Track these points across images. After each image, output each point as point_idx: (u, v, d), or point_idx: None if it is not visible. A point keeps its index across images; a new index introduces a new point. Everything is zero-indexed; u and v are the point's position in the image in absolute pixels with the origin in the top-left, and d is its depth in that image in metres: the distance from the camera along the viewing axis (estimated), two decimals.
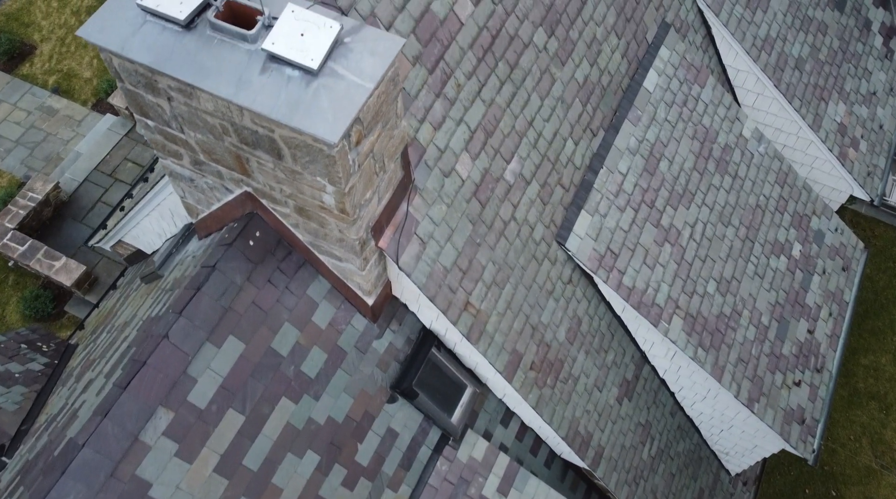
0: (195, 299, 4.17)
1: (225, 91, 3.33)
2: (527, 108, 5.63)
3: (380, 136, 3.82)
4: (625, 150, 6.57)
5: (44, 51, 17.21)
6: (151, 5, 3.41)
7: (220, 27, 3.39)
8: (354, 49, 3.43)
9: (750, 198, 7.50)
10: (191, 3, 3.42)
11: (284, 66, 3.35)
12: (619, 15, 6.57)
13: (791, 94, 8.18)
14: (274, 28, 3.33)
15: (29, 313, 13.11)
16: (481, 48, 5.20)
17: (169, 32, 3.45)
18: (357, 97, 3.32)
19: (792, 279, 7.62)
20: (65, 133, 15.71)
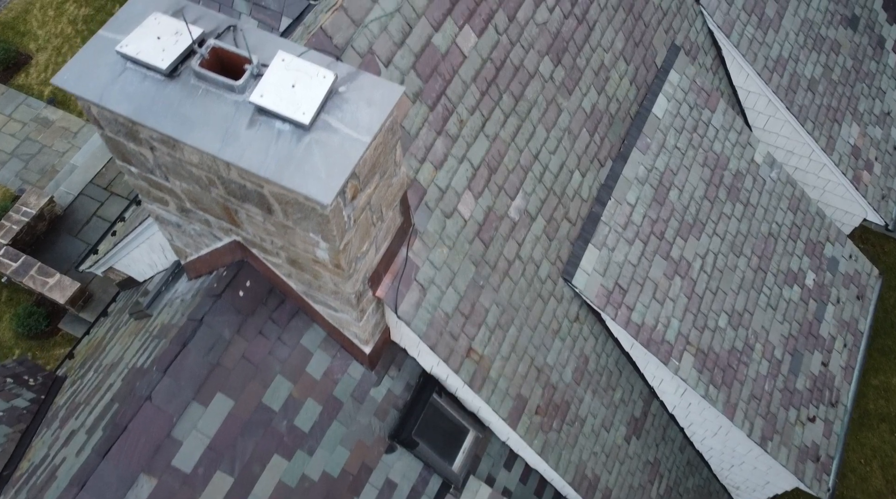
0: (181, 356, 3.92)
1: (210, 146, 3.08)
2: (532, 141, 5.38)
3: (377, 187, 3.57)
4: (633, 179, 6.32)
5: (39, 61, 16.97)
6: (131, 53, 3.17)
7: (205, 76, 3.14)
8: (350, 99, 3.18)
9: (762, 226, 7.25)
10: (174, 50, 3.18)
11: (274, 120, 3.10)
12: (627, 40, 6.32)
13: (804, 116, 7.92)
14: (263, 78, 3.08)
15: (22, 331, 12.86)
16: (485, 81, 4.95)
17: (151, 81, 3.20)
18: (352, 152, 3.07)
19: (805, 310, 7.36)
20: (60, 145, 15.47)
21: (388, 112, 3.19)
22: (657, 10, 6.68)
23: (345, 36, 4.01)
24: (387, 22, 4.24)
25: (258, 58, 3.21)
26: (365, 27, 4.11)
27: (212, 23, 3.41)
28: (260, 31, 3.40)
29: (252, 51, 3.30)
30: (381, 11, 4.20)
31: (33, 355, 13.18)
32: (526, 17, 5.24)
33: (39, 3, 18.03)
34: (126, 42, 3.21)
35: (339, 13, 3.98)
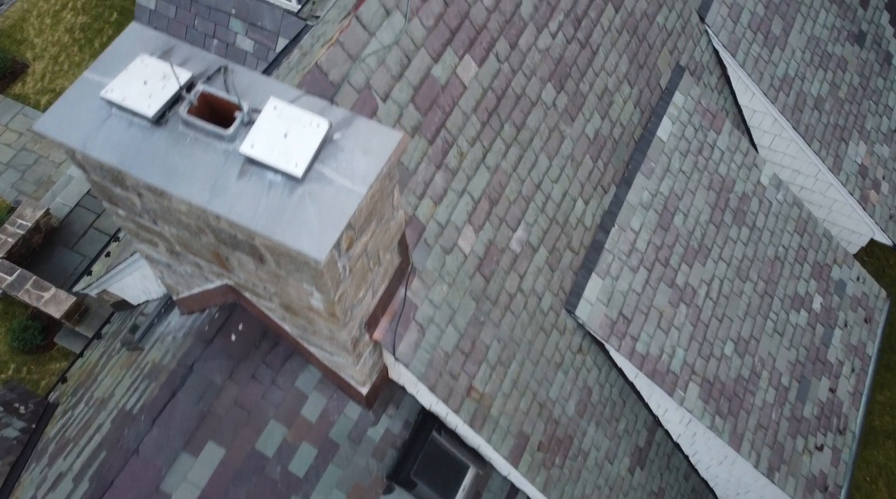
0: (170, 405, 3.77)
1: (198, 197, 2.94)
2: (534, 171, 5.24)
3: (374, 233, 3.43)
4: (637, 205, 6.18)
5: (36, 69, 16.83)
6: (117, 99, 3.02)
7: (193, 124, 3.00)
8: (345, 147, 3.03)
9: (768, 249, 7.10)
10: (161, 96, 3.03)
11: (265, 170, 2.95)
12: (631, 62, 6.18)
13: (810, 135, 7.78)
14: (254, 127, 2.93)
15: (17, 345, 12.72)
16: (486, 111, 4.80)
17: (136, 128, 3.06)
18: (348, 204, 2.93)
19: (813, 335, 7.21)
20: (57, 155, 15.32)
21: (385, 160, 3.04)
22: (661, 30, 6.54)
23: (341, 71, 3.87)
24: (384, 55, 4.09)
25: (249, 104, 3.07)
26: (362, 61, 3.97)
27: (201, 64, 3.27)
28: (252, 72, 3.26)
29: (243, 95, 3.16)
30: (379, 44, 4.06)
31: (28, 370, 13.03)
32: (528, 43, 5.10)
33: (36, 11, 17.89)
34: (111, 87, 3.07)
35: (335, 48, 3.84)
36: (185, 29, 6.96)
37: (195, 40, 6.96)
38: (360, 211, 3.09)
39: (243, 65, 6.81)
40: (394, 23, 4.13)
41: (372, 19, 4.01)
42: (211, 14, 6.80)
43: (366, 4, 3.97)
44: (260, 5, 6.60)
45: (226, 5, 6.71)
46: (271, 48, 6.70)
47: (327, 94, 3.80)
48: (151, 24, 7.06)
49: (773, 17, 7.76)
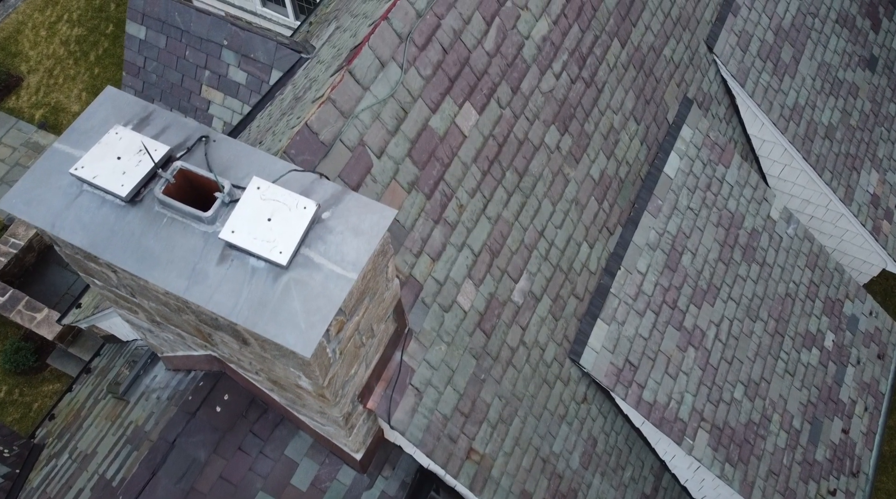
0: (150, 485, 3.54)
1: (175, 284, 2.72)
2: (537, 218, 5.01)
3: (367, 310, 3.20)
4: (644, 246, 5.95)
5: (31, 83, 16.62)
6: (88, 176, 2.80)
7: (170, 205, 2.77)
8: (334, 229, 2.81)
9: (779, 286, 6.87)
10: (135, 173, 2.81)
11: (248, 255, 2.73)
12: (638, 98, 5.95)
13: (821, 166, 7.55)
14: (235, 210, 2.71)
15: (9, 367, 12.51)
16: (486, 160, 4.58)
17: (110, 207, 2.84)
18: (337, 292, 2.70)
19: (825, 374, 6.98)
20: None
21: (377, 242, 2.82)
22: (669, 63, 6.31)
23: (332, 131, 3.65)
24: (379, 109, 3.87)
25: (231, 181, 2.85)
26: (355, 118, 3.75)
27: (181, 133, 3.04)
28: (234, 142, 3.04)
29: (225, 169, 2.93)
30: (374, 99, 3.83)
31: (21, 392, 12.82)
32: (531, 86, 4.88)
33: (31, 23, 17.68)
34: (82, 163, 2.84)
35: (327, 106, 3.62)
36: (175, 59, 6.74)
37: (187, 71, 6.74)
38: (351, 294, 2.86)
39: (236, 96, 6.60)
40: (389, 75, 3.91)
41: (366, 73, 3.79)
42: (202, 45, 6.58)
43: (359, 57, 3.74)
44: (253, 37, 6.37)
45: (218, 36, 6.49)
46: (265, 81, 6.48)
47: (318, 154, 3.58)
48: (141, 54, 6.85)
49: (783, 45, 7.53)
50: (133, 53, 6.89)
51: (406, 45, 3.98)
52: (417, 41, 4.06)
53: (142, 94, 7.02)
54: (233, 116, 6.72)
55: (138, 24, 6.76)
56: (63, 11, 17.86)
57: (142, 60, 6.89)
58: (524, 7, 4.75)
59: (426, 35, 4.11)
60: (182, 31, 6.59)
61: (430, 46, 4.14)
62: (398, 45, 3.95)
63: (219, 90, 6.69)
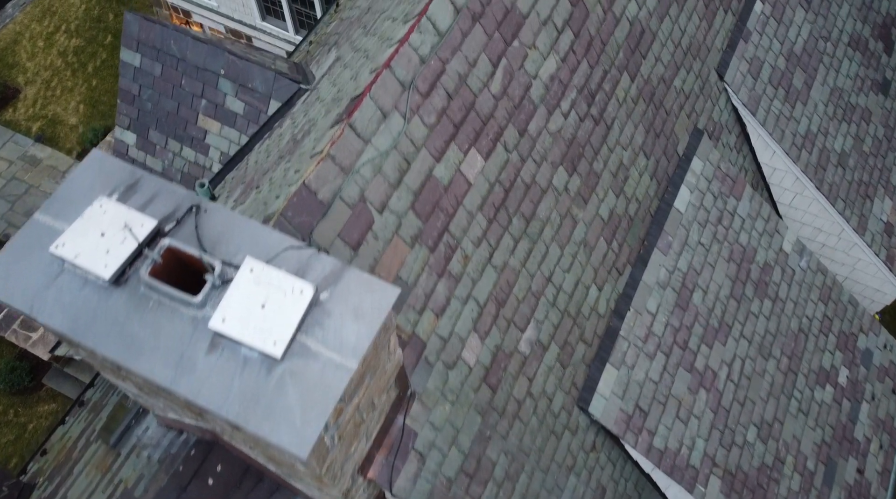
0: None
1: (161, 375, 2.52)
2: (545, 263, 4.82)
3: (367, 388, 3.01)
4: (654, 285, 5.75)
5: (28, 94, 16.42)
6: (69, 255, 2.61)
7: (156, 288, 2.58)
8: (333, 312, 2.61)
9: (792, 322, 6.68)
10: (120, 252, 2.62)
11: (240, 344, 2.54)
12: (647, 132, 5.76)
13: (834, 195, 7.36)
14: (226, 296, 2.52)
15: (4, 387, 12.32)
16: (493, 207, 4.39)
17: (92, 288, 2.64)
18: (335, 384, 2.51)
19: (839, 411, 6.78)
20: (48, 185, 14.92)
21: (379, 325, 2.62)
22: (679, 94, 6.12)
23: (332, 188, 3.45)
24: (381, 162, 3.68)
25: (221, 260, 2.65)
26: (356, 173, 3.56)
27: (170, 202, 2.85)
28: (227, 212, 2.84)
29: (216, 243, 2.74)
30: (375, 151, 3.64)
31: (16, 412, 12.62)
32: (538, 127, 4.68)
33: (29, 34, 17.49)
34: (63, 240, 2.65)
35: (326, 163, 3.42)
36: (171, 87, 6.55)
37: (183, 99, 6.56)
38: (351, 383, 2.67)
39: (233, 126, 6.41)
40: (391, 125, 3.72)
41: (367, 125, 3.60)
42: (199, 74, 6.39)
43: (360, 110, 3.55)
44: (251, 67, 6.18)
45: (215, 65, 6.30)
46: (263, 111, 6.29)
47: (316, 215, 3.39)
48: (136, 82, 6.66)
49: (795, 70, 7.33)
50: (128, 81, 6.70)
51: (409, 94, 3.79)
52: (421, 88, 3.87)
53: (137, 122, 6.83)
54: (230, 146, 6.53)
55: (133, 52, 6.57)
56: (61, 22, 17.67)
57: (137, 88, 6.70)
58: (532, 46, 4.56)
59: (430, 81, 3.92)
60: (178, 60, 6.40)
61: (435, 93, 3.95)
62: (401, 94, 3.76)
63: (216, 120, 6.50)
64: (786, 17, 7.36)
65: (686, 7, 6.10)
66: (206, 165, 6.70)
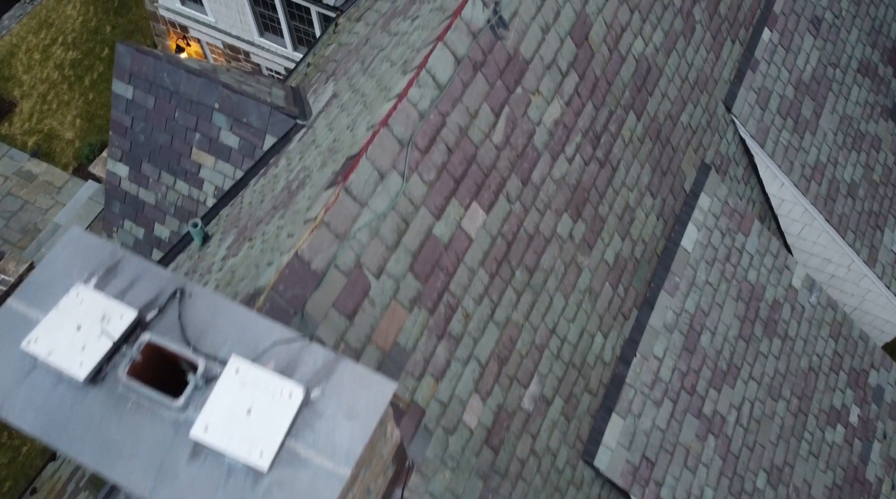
0: None
1: (140, 484, 2.35)
2: (549, 314, 4.64)
3: (362, 480, 2.83)
4: (661, 328, 5.58)
5: (24, 108, 16.25)
6: (42, 353, 2.43)
7: (134, 388, 2.41)
8: (324, 412, 2.44)
9: (802, 360, 6.50)
10: (96, 349, 2.44)
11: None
12: (654, 170, 5.58)
13: (844, 227, 7.18)
14: (209, 401, 2.34)
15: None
16: (494, 261, 4.21)
17: (66, 386, 2.47)
18: (327, 493, 2.34)
19: (850, 452, 6.60)
20: (43, 201, 14.76)
21: (374, 425, 2.45)
22: (686, 129, 5.94)
23: (326, 257, 3.28)
24: (378, 225, 3.50)
25: (206, 356, 2.48)
26: (352, 239, 3.38)
27: (152, 287, 2.68)
28: (213, 296, 2.67)
29: (201, 335, 2.56)
30: (372, 214, 3.47)
31: (10, 435, 12.43)
32: (542, 175, 4.51)
33: (25, 46, 17.32)
34: (37, 334, 2.47)
35: (320, 231, 3.25)
36: (164, 120, 6.38)
37: (176, 132, 6.38)
38: (344, 489, 2.49)
39: (228, 161, 6.23)
40: (389, 186, 3.55)
41: (363, 188, 3.43)
42: (193, 107, 6.21)
43: (356, 172, 3.38)
44: (246, 101, 6.01)
45: (209, 99, 6.13)
46: (258, 146, 6.12)
47: (309, 287, 3.21)
48: (129, 114, 6.49)
49: (804, 99, 7.16)
50: (120, 113, 6.53)
51: (408, 151, 3.61)
52: (420, 144, 3.70)
53: (129, 154, 6.66)
54: (224, 181, 6.36)
55: (125, 84, 6.40)
56: (58, 34, 17.51)
57: (129, 120, 6.53)
58: (535, 92, 4.39)
59: (429, 136, 3.75)
60: (171, 92, 6.23)
61: (434, 148, 3.78)
62: (399, 152, 3.59)
63: (210, 154, 6.33)
64: (794, 44, 7.19)
65: (693, 40, 5.93)
66: (201, 200, 6.53)
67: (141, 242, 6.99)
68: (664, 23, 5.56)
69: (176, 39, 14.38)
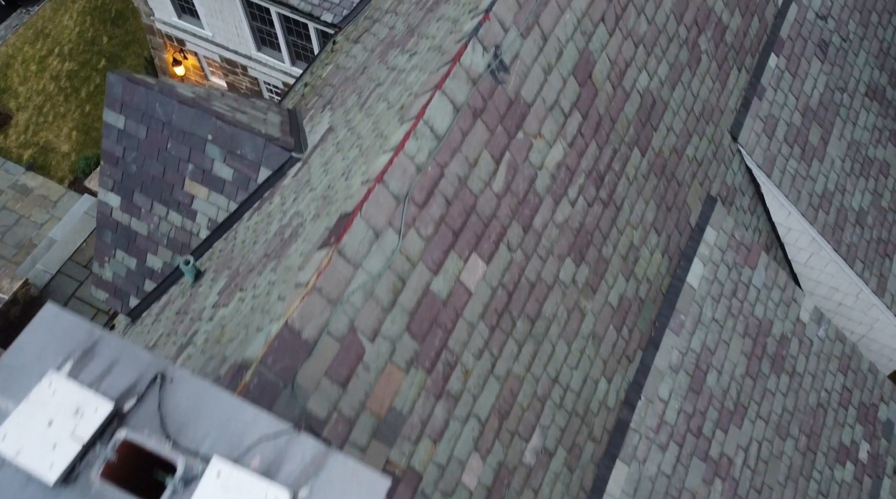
0: None
1: None
2: (551, 363, 4.49)
3: None
4: (666, 369, 5.42)
5: (20, 120, 16.08)
6: (9, 453, 2.27)
7: (107, 494, 2.25)
8: None
9: (810, 397, 6.34)
10: (68, 448, 2.28)
11: None
12: (659, 207, 5.42)
13: (852, 256, 7.02)
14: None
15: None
16: (495, 313, 4.05)
17: (36, 487, 2.31)
18: None
19: (860, 490, 6.44)
20: (39, 215, 14.59)
21: None
22: (692, 162, 5.79)
23: (318, 324, 3.12)
24: (373, 286, 3.35)
25: (185, 455, 2.32)
26: (345, 303, 3.22)
27: (131, 371, 2.52)
28: (198, 382, 2.51)
29: (183, 422, 2.41)
30: (367, 276, 3.31)
31: None
32: (544, 220, 4.35)
33: (21, 57, 17.16)
34: (5, 431, 2.32)
35: (312, 297, 3.09)
36: (157, 150, 6.22)
37: (169, 163, 6.23)
38: None
39: (221, 193, 6.07)
40: (385, 245, 3.39)
41: (357, 249, 3.27)
42: (185, 138, 6.06)
43: (350, 233, 3.22)
44: (240, 133, 5.85)
45: (202, 130, 5.97)
46: (253, 178, 5.96)
47: (300, 357, 3.05)
48: (120, 144, 6.33)
49: (811, 126, 7.00)
50: (111, 143, 6.37)
51: (404, 207, 3.46)
52: (417, 198, 3.54)
53: (121, 184, 6.50)
54: (218, 213, 6.20)
55: (116, 113, 6.25)
56: (54, 45, 17.35)
57: (121, 150, 6.37)
58: (537, 135, 4.23)
59: (427, 190, 3.59)
60: (163, 123, 6.08)
61: (432, 201, 3.62)
62: (395, 209, 3.43)
63: (203, 185, 6.18)
64: (801, 69, 7.03)
65: (699, 71, 5.77)
66: (194, 231, 6.37)
67: (133, 273, 6.83)
68: (669, 55, 5.41)
69: (173, 53, 14.22)
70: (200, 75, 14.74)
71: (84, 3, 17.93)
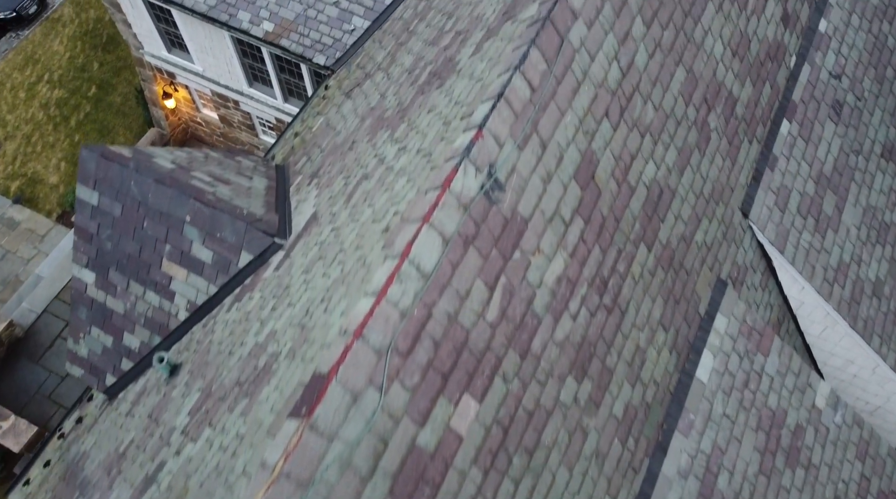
0: None
1: None
2: (551, 494, 4.12)
3: None
4: (674, 476, 5.05)
5: (8, 151, 15.70)
6: None
7: None
8: None
9: (827, 489, 5.97)
10: None
11: None
12: (666, 302, 5.06)
13: (869, 332, 6.66)
14: None
15: None
16: (489, 454, 3.69)
17: None
18: None
19: None
20: (25, 251, 14.23)
21: None
22: (701, 248, 5.43)
23: None
24: (351, 456, 2.98)
25: None
26: (318, 483, 2.86)
27: None
28: None
29: None
30: (343, 446, 2.95)
31: None
32: (543, 341, 3.99)
33: (10, 84, 16.79)
34: None
35: (279, 484, 2.72)
36: (133, 229, 5.87)
37: (145, 242, 5.87)
38: None
39: (201, 275, 5.72)
40: (364, 407, 3.03)
41: (333, 419, 2.91)
42: (163, 218, 5.70)
43: (324, 403, 2.86)
44: (220, 215, 5.50)
45: (180, 211, 5.62)
46: (233, 262, 5.60)
47: None
48: (94, 220, 5.97)
49: (825, 194, 6.64)
50: (84, 219, 6.01)
51: (387, 361, 3.10)
52: (401, 347, 3.18)
53: (96, 261, 6.14)
54: (197, 295, 5.84)
55: (90, 190, 5.89)
56: (44, 71, 16.99)
57: (95, 227, 6.02)
58: (535, 251, 3.87)
59: (413, 335, 3.23)
60: (139, 202, 5.72)
61: (418, 346, 3.26)
62: (376, 365, 3.07)
63: (182, 266, 5.82)
64: (814, 134, 6.67)
65: (708, 150, 5.42)
66: (173, 312, 6.01)
67: (110, 350, 6.47)
68: (678, 139, 5.05)
69: (163, 86, 13.87)
70: (192, 107, 14.40)
71: (75, 27, 17.58)
